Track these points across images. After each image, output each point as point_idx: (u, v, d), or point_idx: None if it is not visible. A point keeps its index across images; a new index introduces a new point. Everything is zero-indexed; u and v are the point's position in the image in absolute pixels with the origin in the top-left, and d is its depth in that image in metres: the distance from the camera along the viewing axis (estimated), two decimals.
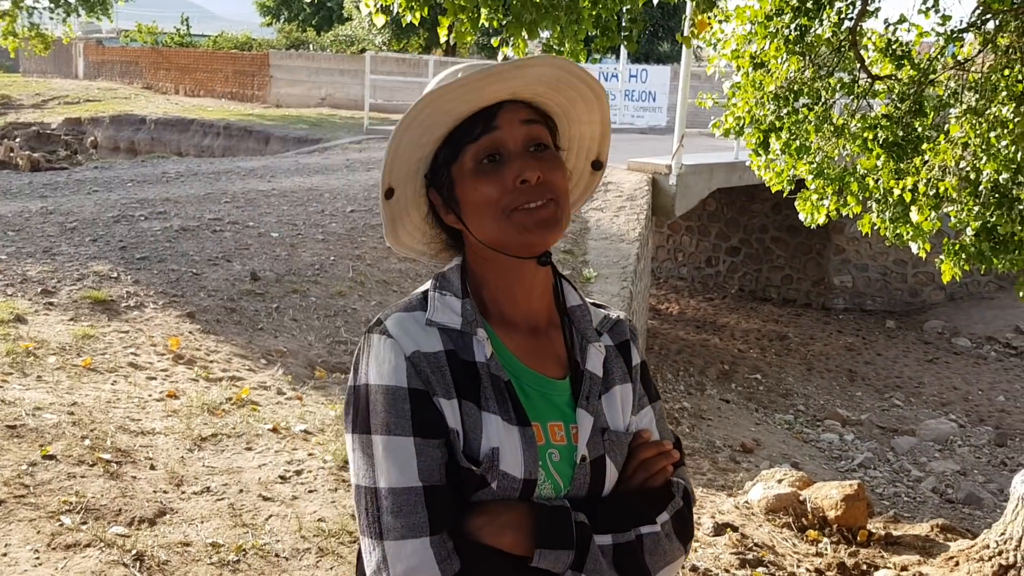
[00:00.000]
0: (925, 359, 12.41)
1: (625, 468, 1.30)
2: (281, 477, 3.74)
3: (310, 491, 3.65)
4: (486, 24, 5.72)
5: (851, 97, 7.21)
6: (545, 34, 6.15)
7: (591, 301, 1.40)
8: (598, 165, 1.38)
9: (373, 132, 16.69)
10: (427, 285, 1.28)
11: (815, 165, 7.32)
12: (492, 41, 6.14)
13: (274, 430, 4.25)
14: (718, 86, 10.19)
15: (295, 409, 4.67)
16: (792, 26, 6.32)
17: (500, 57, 6.32)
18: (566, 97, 1.27)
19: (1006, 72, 5.97)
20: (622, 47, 20.93)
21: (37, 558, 2.88)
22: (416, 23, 5.78)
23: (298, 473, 3.80)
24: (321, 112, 23.31)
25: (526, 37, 5.50)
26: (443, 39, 5.59)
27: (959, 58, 6.73)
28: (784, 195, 7.82)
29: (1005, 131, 5.88)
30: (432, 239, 1.34)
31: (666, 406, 9.39)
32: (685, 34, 6.14)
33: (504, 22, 5.65)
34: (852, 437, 9.49)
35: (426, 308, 1.24)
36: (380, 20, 5.29)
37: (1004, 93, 5.89)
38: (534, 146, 1.23)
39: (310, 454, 4.01)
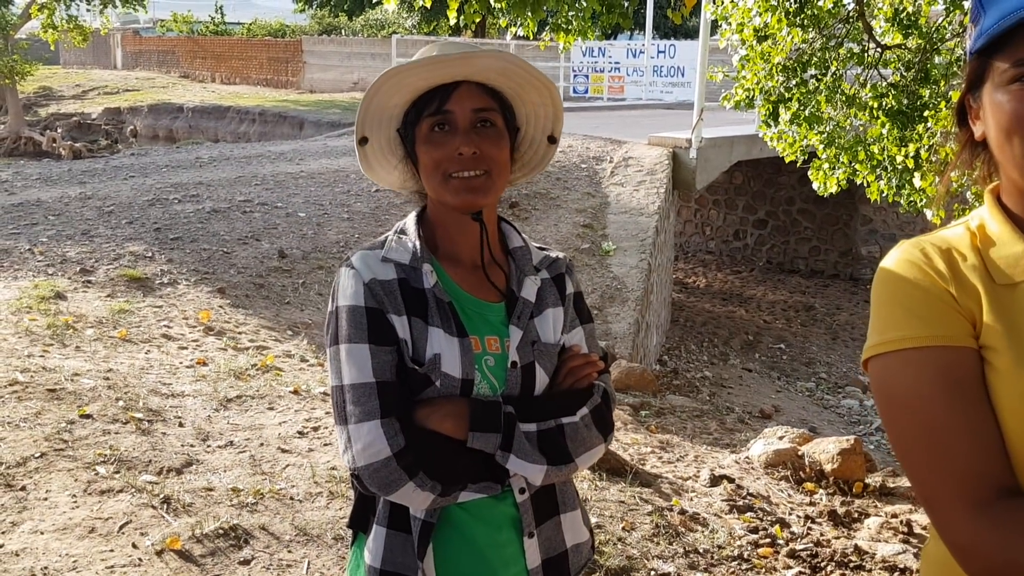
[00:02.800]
0: None
1: (555, 375, 1.58)
2: (299, 432, 4.04)
3: (325, 444, 3.94)
4: (494, 5, 5.92)
5: (861, 67, 7.32)
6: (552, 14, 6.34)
7: (536, 244, 1.69)
8: (553, 139, 1.67)
9: None
10: (392, 232, 1.59)
11: (826, 135, 7.45)
12: (500, 22, 6.36)
13: (295, 392, 4.56)
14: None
15: (316, 374, 4.97)
16: None
17: (509, 37, 6.52)
18: (516, 83, 1.56)
19: None
20: (648, 21, 20.80)
21: (75, 502, 3.20)
22: (428, 6, 6.02)
23: (315, 429, 4.10)
24: (354, 96, 23.65)
25: (531, 15, 5.70)
26: (452, 21, 5.82)
27: (966, 25, 6.82)
28: (797, 165, 7.96)
29: None
30: (408, 177, 1.62)
31: (687, 375, 9.59)
32: (675, 10, 6.30)
33: (511, 2, 5.85)
34: (871, 403, 9.62)
35: (382, 247, 1.53)
36: (391, 6, 5.54)
37: None
38: (480, 122, 1.51)
39: (327, 413, 4.31)
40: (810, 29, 7.06)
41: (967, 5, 6.89)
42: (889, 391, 1.19)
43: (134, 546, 2.97)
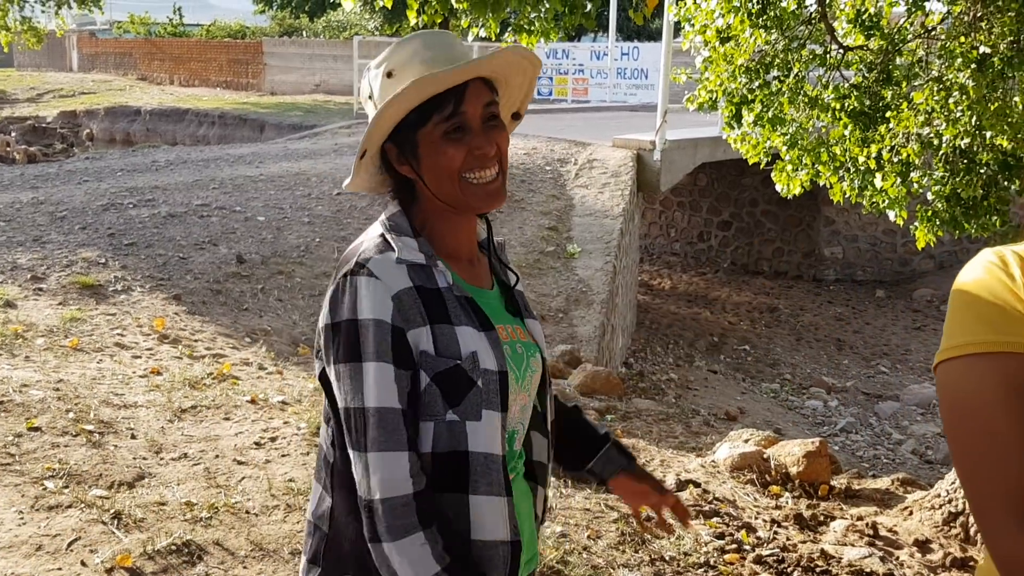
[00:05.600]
0: (913, 327, 12.58)
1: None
2: (256, 443, 3.94)
3: (283, 455, 3.84)
4: (455, 5, 5.85)
5: (824, 68, 7.34)
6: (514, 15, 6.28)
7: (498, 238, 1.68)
8: (517, 116, 1.63)
9: (362, 116, 16.81)
10: (379, 229, 1.47)
11: (789, 136, 7.46)
12: (462, 23, 6.28)
13: (252, 401, 4.45)
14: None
15: (275, 383, 4.86)
16: (754, 0, 6.44)
17: (471, 38, 6.45)
18: (510, 69, 1.52)
19: (962, 39, 6.09)
20: (611, 24, 20.90)
21: (21, 518, 3.07)
22: (389, 6, 5.92)
23: (273, 440, 3.99)
24: (316, 99, 23.43)
25: (492, 16, 5.63)
26: (413, 21, 5.73)
27: (927, 26, 6.86)
28: (761, 167, 7.97)
29: (964, 97, 6.02)
30: (380, 182, 1.55)
31: (653, 378, 9.57)
32: (637, 10, 6.28)
33: (472, 2, 5.78)
34: (836, 403, 9.67)
35: (392, 249, 1.43)
36: (348, 4, 5.45)
37: (960, 60, 6.02)
38: (489, 117, 1.47)
39: (285, 422, 4.20)
40: (773, 30, 7.06)
41: (928, 6, 6.94)
42: (951, 396, 1.19)
43: (83, 564, 2.86)
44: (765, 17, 6.53)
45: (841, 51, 7.28)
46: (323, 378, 1.45)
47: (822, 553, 3.87)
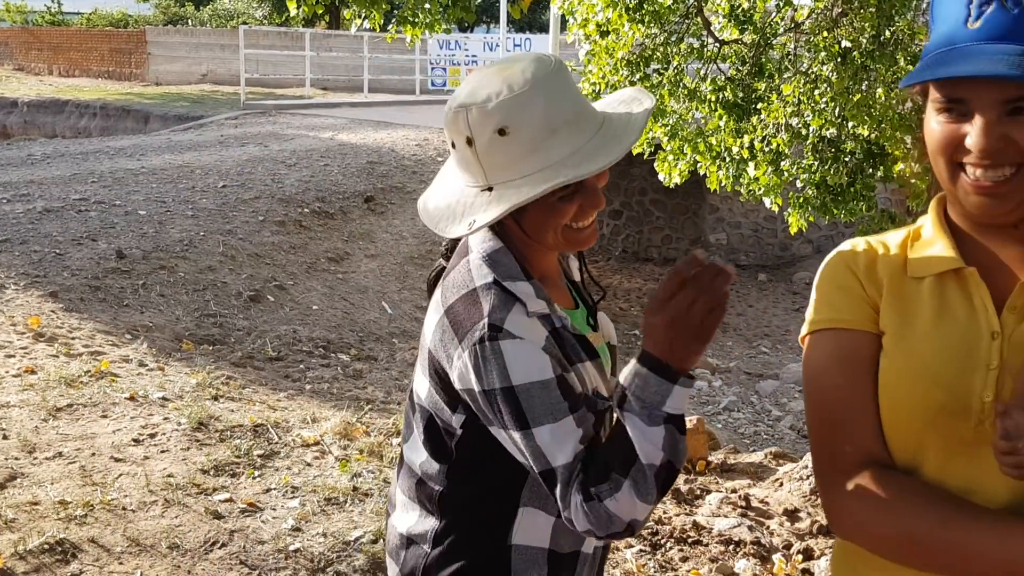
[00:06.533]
0: (793, 308, 13.12)
1: None
2: (135, 440, 3.89)
3: (162, 451, 3.80)
4: None
5: (701, 62, 7.59)
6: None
7: None
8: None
9: (250, 107, 16.53)
10: (483, 270, 1.44)
11: (670, 127, 7.69)
12: (345, 14, 6.27)
13: (131, 398, 4.37)
14: None
15: (156, 379, 4.79)
16: None
17: (354, 29, 6.44)
18: None
19: (825, 34, 6.41)
20: (502, 15, 20.98)
21: None
22: None
23: (152, 436, 3.95)
24: (203, 89, 22.85)
25: (372, 7, 5.64)
26: (292, 12, 5.70)
27: (796, 21, 7.18)
28: (644, 157, 8.19)
29: (828, 89, 6.33)
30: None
31: None
32: (514, 3, 6.37)
33: None
34: (720, 383, 10.03)
35: (518, 301, 1.41)
36: None
37: (824, 53, 6.33)
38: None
39: (165, 419, 4.15)
40: (651, 25, 7.26)
41: (796, 1, 7.25)
42: (805, 368, 1.34)
43: None
44: (643, 12, 6.72)
45: (717, 45, 7.54)
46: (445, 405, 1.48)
47: (694, 524, 4.05)
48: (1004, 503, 1.19)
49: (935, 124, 1.22)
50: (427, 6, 6.39)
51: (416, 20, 6.47)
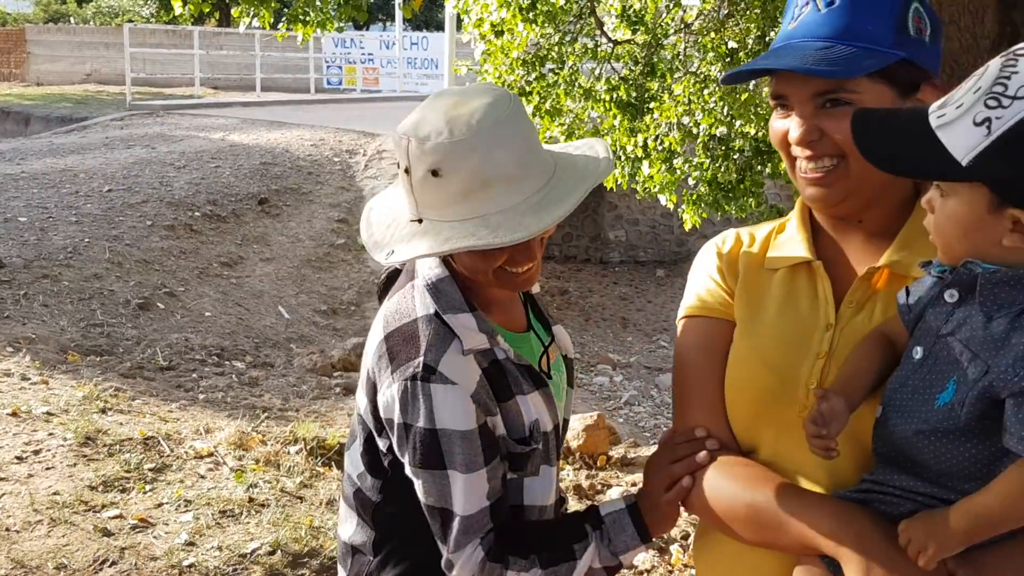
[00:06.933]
0: None
1: None
2: (17, 458, 3.72)
3: (47, 468, 3.65)
4: None
5: (595, 61, 7.69)
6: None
7: None
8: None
9: (137, 108, 16.00)
10: (425, 299, 1.41)
11: (567, 126, 7.77)
12: (234, 12, 6.12)
13: (14, 414, 4.18)
14: None
15: (39, 393, 4.59)
16: None
17: (243, 27, 6.29)
18: None
19: (713, 35, 6.58)
20: (397, 13, 20.82)
21: None
22: None
23: (36, 452, 3.79)
24: (87, 89, 22.03)
25: (262, 5, 5.53)
26: (178, 11, 5.53)
27: (686, 22, 7.34)
28: None
29: (716, 88, 6.50)
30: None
31: None
32: (406, 3, 6.35)
33: None
34: (621, 378, 10.19)
35: (455, 338, 1.38)
36: None
37: (712, 54, 6.50)
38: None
39: (50, 434, 3.99)
40: (545, 24, 7.32)
41: (685, 1, 7.41)
42: (674, 352, 1.44)
43: None
44: (536, 11, 6.76)
45: (611, 44, 7.66)
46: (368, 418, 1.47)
47: None
48: (828, 486, 1.24)
49: (772, 121, 1.29)
50: (318, 4, 6.30)
51: (307, 19, 6.36)
